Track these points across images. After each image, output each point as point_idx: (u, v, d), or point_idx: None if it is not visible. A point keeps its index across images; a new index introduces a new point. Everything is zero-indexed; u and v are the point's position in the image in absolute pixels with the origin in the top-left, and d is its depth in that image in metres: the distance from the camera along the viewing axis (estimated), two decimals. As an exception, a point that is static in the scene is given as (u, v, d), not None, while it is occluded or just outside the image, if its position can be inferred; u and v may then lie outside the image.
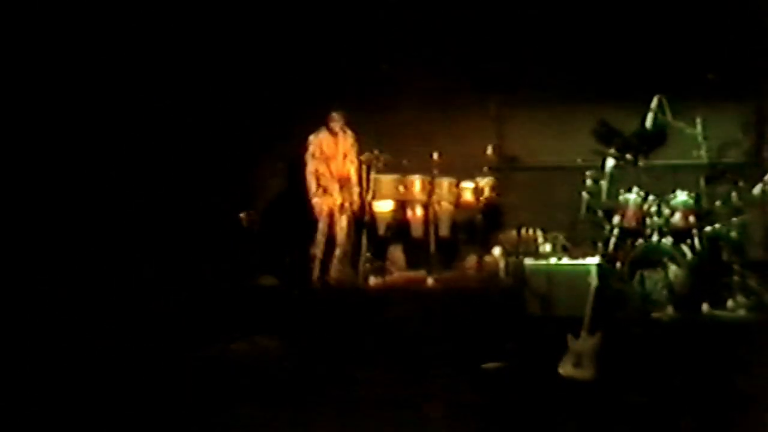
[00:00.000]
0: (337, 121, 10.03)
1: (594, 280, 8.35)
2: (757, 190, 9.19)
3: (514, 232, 10.11)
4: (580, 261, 9.13)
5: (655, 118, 9.42)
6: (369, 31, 10.72)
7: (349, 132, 10.17)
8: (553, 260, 9.44)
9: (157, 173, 10.01)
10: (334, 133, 10.10)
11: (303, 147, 10.15)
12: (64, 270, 9.04)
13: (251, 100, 10.64)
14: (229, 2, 10.38)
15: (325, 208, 10.10)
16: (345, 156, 10.16)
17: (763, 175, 9.26)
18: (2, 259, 8.66)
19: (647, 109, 9.38)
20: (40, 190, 9.24)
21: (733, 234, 9.16)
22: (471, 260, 10.31)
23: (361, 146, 10.21)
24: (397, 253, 10.46)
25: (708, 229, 9.20)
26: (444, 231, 10.37)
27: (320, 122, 10.34)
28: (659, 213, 9.35)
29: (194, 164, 10.23)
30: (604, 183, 9.52)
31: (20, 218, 8.99)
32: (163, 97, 10.00)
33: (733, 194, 9.22)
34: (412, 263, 10.41)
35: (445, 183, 10.35)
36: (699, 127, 9.42)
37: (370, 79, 10.68)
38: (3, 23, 9.02)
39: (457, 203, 10.45)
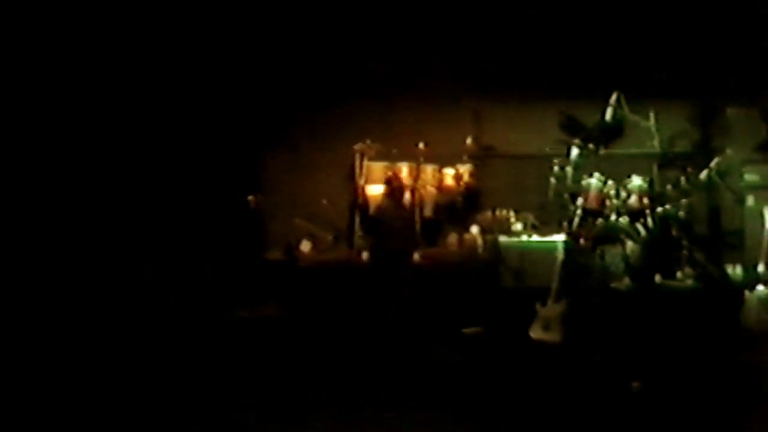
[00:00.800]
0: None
1: (560, 255, 8.85)
2: (703, 175, 9.67)
3: (489, 213, 10.40)
4: (548, 238, 9.61)
5: (614, 113, 9.74)
6: (365, 33, 11.04)
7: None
8: (524, 237, 9.89)
9: (172, 162, 10.14)
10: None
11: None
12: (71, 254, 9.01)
13: (249, 95, 10.78)
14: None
15: None
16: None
17: (709, 163, 9.72)
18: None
19: (607, 104, 9.75)
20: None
21: (682, 214, 9.60)
22: (452, 238, 10.50)
23: (356, 137, 10.54)
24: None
25: (660, 209, 9.62)
26: (428, 212, 10.62)
27: (319, 117, 10.90)
28: (617, 195, 9.75)
29: (203, 157, 10.40)
30: (569, 169, 9.84)
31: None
32: (162, 95, 9.99)
33: (682, 179, 9.65)
34: (400, 240, 10.61)
35: (429, 169, 10.63)
36: (652, 120, 9.83)
37: (364, 78, 11.03)
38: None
39: (440, 187, 10.70)
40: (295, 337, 8.42)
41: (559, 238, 9.42)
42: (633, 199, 9.83)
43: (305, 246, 10.57)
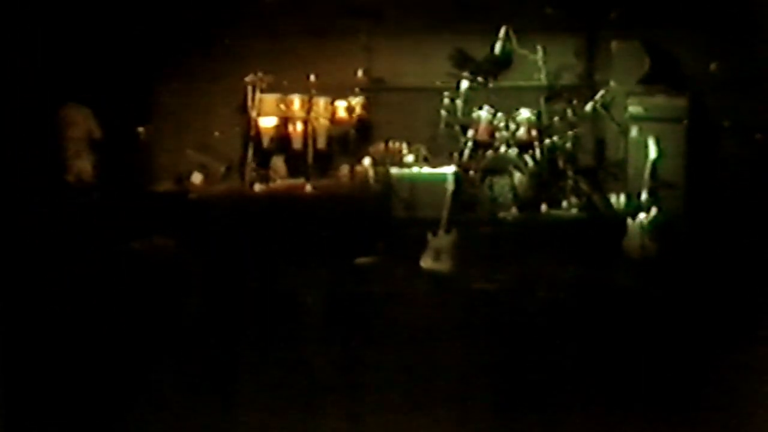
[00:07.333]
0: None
1: (450, 186, 9.02)
2: (588, 107, 10.03)
3: (381, 145, 10.68)
4: (438, 169, 9.79)
5: (503, 46, 9.95)
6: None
7: None
8: (415, 169, 10.10)
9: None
10: None
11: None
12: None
13: (139, 25, 10.57)
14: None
15: None
16: None
17: (594, 95, 10.09)
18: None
19: (496, 38, 10.00)
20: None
21: (568, 145, 9.94)
22: (344, 169, 10.76)
23: (247, 69, 10.52)
24: (279, 163, 10.86)
25: (547, 141, 9.93)
26: (320, 144, 10.73)
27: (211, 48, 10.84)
28: (506, 128, 9.97)
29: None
30: (459, 102, 10.03)
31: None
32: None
33: (569, 111, 9.98)
34: (292, 172, 10.83)
35: (321, 102, 10.68)
36: (540, 54, 10.05)
37: (256, 7, 10.85)
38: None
39: (332, 119, 10.80)
40: (190, 270, 8.41)
41: (449, 169, 9.58)
42: (521, 131, 10.07)
43: (196, 178, 10.55)
